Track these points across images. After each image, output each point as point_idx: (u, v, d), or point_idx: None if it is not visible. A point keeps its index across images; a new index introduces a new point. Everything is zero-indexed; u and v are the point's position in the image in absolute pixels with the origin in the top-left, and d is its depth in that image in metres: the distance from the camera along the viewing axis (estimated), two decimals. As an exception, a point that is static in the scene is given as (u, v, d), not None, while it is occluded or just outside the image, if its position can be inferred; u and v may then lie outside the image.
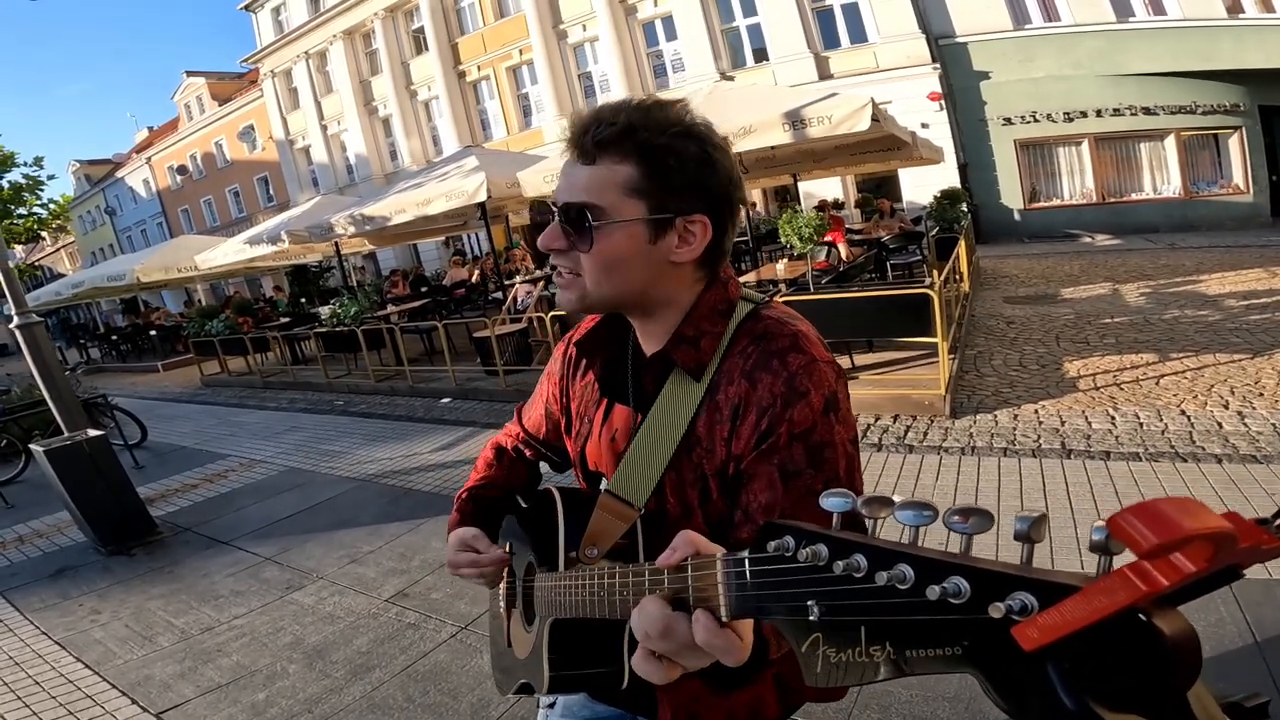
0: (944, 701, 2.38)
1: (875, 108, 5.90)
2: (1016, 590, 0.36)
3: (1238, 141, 14.03)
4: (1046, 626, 0.33)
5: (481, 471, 1.30)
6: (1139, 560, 0.30)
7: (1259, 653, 2.47)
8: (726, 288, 0.98)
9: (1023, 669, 0.35)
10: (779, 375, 0.87)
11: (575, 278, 0.93)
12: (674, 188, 0.89)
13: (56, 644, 3.75)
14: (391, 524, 4.73)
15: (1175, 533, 0.29)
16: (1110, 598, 0.31)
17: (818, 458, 0.86)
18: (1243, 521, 0.32)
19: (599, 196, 0.88)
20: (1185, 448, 4.13)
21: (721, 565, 0.58)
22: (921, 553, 0.43)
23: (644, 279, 0.92)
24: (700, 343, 0.94)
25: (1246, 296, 7.81)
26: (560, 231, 0.91)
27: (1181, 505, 0.30)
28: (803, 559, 0.50)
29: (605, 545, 0.93)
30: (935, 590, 0.40)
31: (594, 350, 1.08)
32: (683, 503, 0.94)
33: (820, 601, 0.48)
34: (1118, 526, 0.31)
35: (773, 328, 0.92)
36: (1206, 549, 0.29)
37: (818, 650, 0.49)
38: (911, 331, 5.45)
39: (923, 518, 0.46)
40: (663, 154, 0.88)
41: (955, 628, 0.39)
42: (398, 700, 2.84)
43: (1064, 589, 0.34)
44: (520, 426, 1.29)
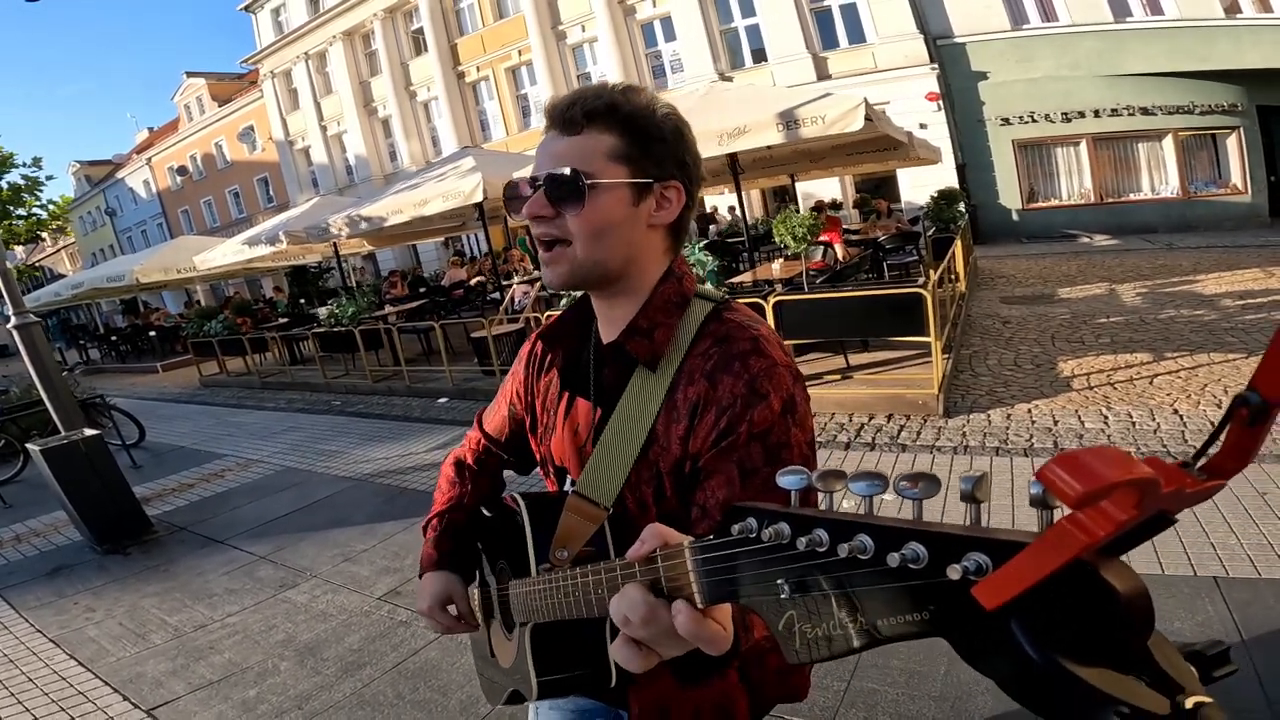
0: (930, 700, 2.39)
1: (869, 108, 5.91)
2: (970, 551, 0.37)
3: (1235, 142, 14.03)
4: (1002, 583, 0.34)
5: (446, 492, 1.29)
6: (1072, 511, 0.31)
7: (1246, 651, 2.48)
8: (681, 282, 1.01)
9: (988, 628, 0.36)
10: (740, 377, 0.89)
11: (564, 248, 0.94)
12: (654, 155, 0.95)
13: (51, 641, 3.77)
14: (386, 523, 4.74)
15: (1099, 480, 0.30)
16: (1055, 551, 0.32)
17: (775, 458, 0.87)
18: (1165, 466, 0.32)
19: (586, 163, 0.92)
20: (1177, 447, 4.13)
21: (690, 553, 0.59)
22: (879, 521, 0.44)
23: (627, 243, 0.96)
24: (654, 334, 0.96)
25: (1243, 296, 7.82)
26: (546, 200, 0.93)
27: (1104, 453, 0.31)
28: (766, 538, 0.50)
29: (575, 547, 0.93)
30: (895, 558, 0.41)
31: (557, 341, 1.10)
32: (639, 500, 0.95)
33: (788, 579, 0.49)
34: (1046, 479, 0.32)
35: (734, 331, 0.94)
36: (1133, 494, 0.30)
37: (794, 628, 0.50)
38: (905, 331, 5.46)
39: (875, 487, 0.48)
40: (644, 124, 0.94)
41: (919, 593, 0.40)
42: (388, 697, 2.85)
43: (1013, 546, 0.35)
44: (481, 432, 1.29)
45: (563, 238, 0.95)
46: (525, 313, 9.08)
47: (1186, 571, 2.90)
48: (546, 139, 0.97)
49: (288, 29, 25.58)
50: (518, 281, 10.83)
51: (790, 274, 7.25)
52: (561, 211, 0.93)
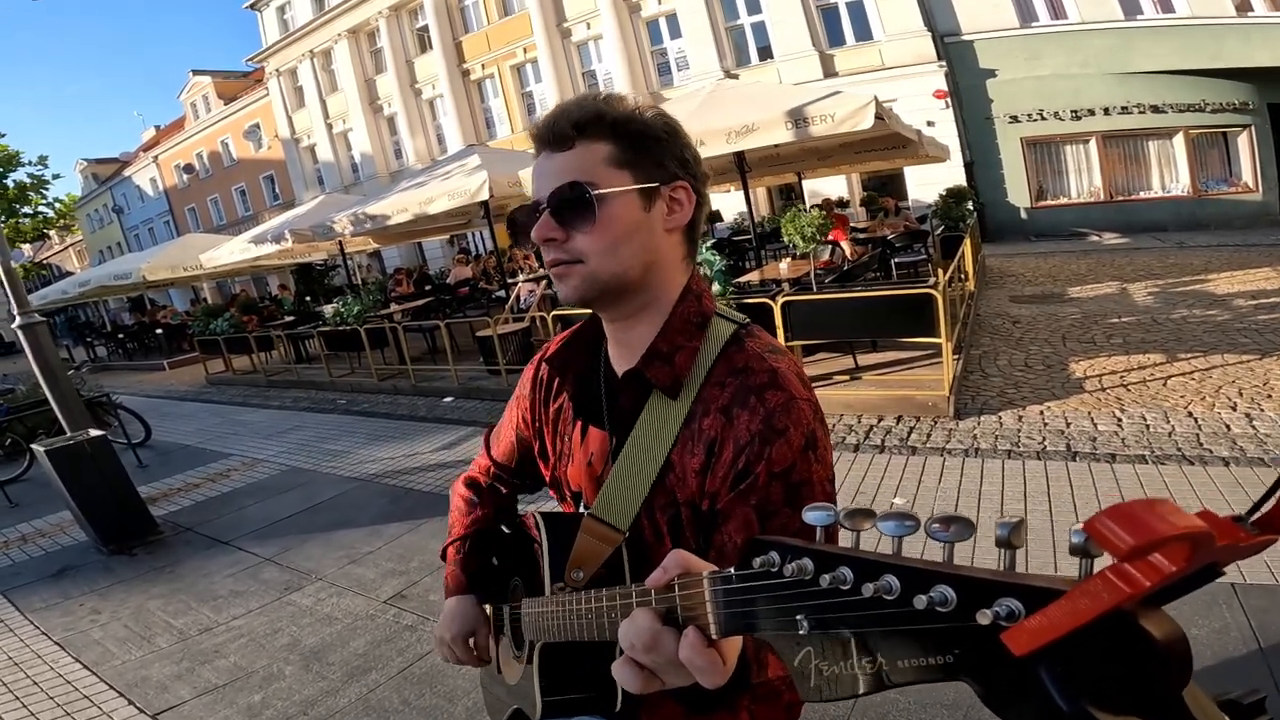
0: (942, 709, 2.35)
1: (879, 106, 5.85)
2: (1002, 596, 0.36)
3: (1247, 140, 13.90)
4: (1035, 630, 0.33)
5: (466, 514, 1.25)
6: (1119, 562, 0.30)
7: (1263, 659, 2.43)
8: (700, 300, 0.97)
9: (1015, 674, 0.35)
10: (756, 412, 0.86)
11: (575, 265, 0.91)
12: (653, 157, 0.91)
13: (56, 644, 3.76)
14: (391, 524, 4.72)
15: (1152, 534, 0.29)
16: (1094, 600, 0.31)
17: (795, 496, 0.84)
18: (1218, 520, 0.32)
19: (587, 174, 0.88)
20: (1192, 450, 4.08)
21: (709, 583, 0.58)
22: (906, 563, 0.43)
23: (644, 251, 0.92)
24: (675, 358, 0.92)
25: (1255, 296, 7.74)
26: (553, 221, 0.89)
27: (1156, 506, 0.31)
28: (789, 574, 0.50)
29: (591, 569, 0.92)
30: (922, 600, 0.40)
31: (565, 368, 1.06)
32: (655, 528, 0.92)
33: (808, 615, 0.48)
34: (1095, 530, 0.31)
35: (753, 362, 0.90)
36: (1184, 549, 0.29)
37: (810, 664, 0.49)
38: (915, 331, 5.41)
39: (905, 528, 0.46)
40: (636, 128, 0.91)
41: (944, 636, 0.39)
42: (393, 703, 2.82)
43: (1049, 593, 0.34)
44: (490, 460, 1.26)
45: (577, 259, 0.90)
46: (531, 311, 9.05)
47: (1204, 579, 2.85)
48: (539, 161, 0.93)
49: (293, 27, 25.59)
50: (523, 279, 10.81)
51: (798, 273, 7.20)
52: (571, 231, 0.89)
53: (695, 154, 0.97)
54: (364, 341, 9.44)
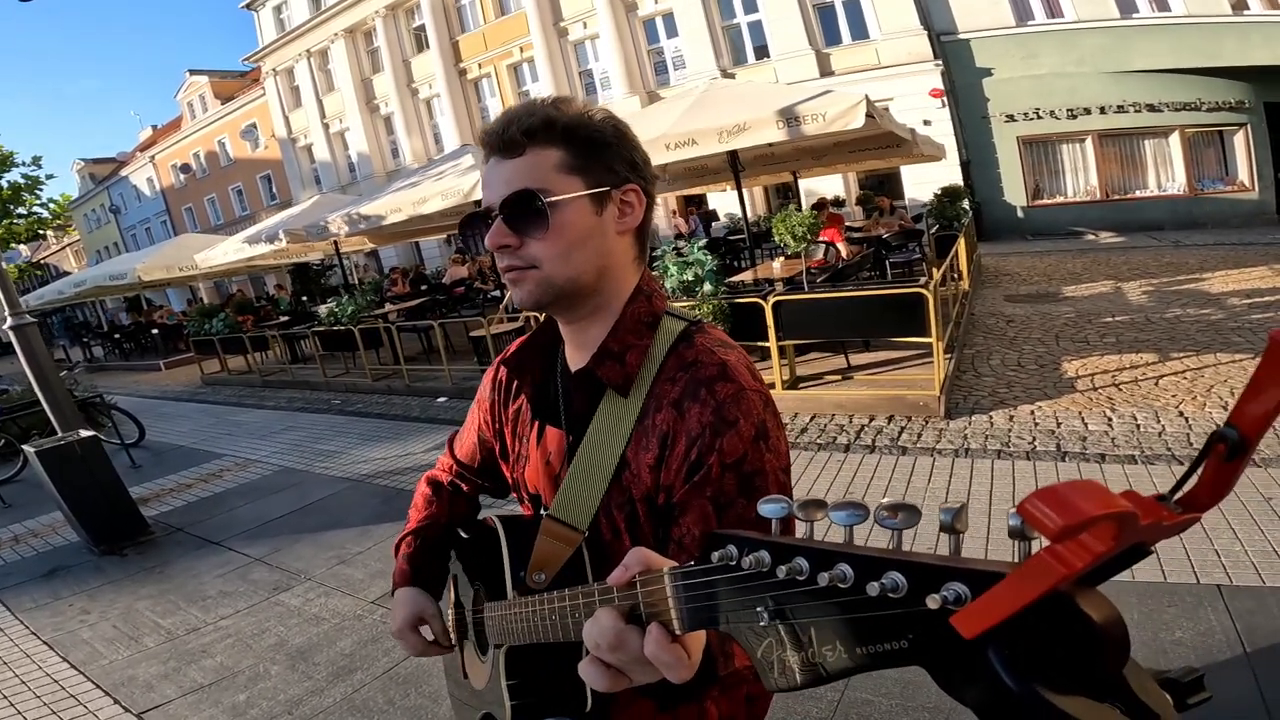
0: (924, 711, 2.35)
1: (870, 105, 5.85)
2: (949, 581, 0.37)
3: (1243, 139, 13.90)
4: (980, 613, 0.34)
5: (422, 510, 1.26)
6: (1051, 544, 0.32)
7: (1247, 661, 2.43)
8: (651, 300, 0.97)
9: (966, 657, 0.36)
10: (707, 404, 0.86)
11: (530, 270, 0.91)
12: (603, 161, 0.92)
13: (44, 644, 3.76)
14: (382, 525, 4.72)
15: (1078, 515, 0.31)
16: (1033, 581, 0.32)
17: (749, 486, 0.84)
18: (1142, 500, 0.33)
19: (539, 181, 0.88)
20: (1182, 450, 4.08)
21: (669, 579, 0.59)
22: (859, 551, 0.44)
23: (597, 255, 0.92)
24: (625, 357, 0.92)
25: (1250, 295, 7.74)
26: (505, 228, 0.90)
27: (1083, 487, 0.32)
28: (746, 566, 0.51)
29: (552, 570, 0.92)
30: (875, 586, 0.41)
31: (523, 370, 1.06)
32: (613, 526, 0.93)
33: (768, 607, 0.49)
34: (1027, 512, 0.32)
35: (702, 356, 0.90)
36: (1111, 528, 0.30)
37: (772, 655, 0.50)
38: (906, 331, 5.41)
39: (855, 517, 0.48)
40: (585, 132, 0.91)
41: (898, 622, 0.41)
42: (378, 703, 2.82)
43: (992, 576, 0.35)
44: (453, 459, 1.27)
45: (530, 265, 0.91)
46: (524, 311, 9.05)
47: (1189, 579, 2.85)
48: (489, 167, 0.93)
49: (289, 26, 25.55)
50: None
51: (791, 273, 7.20)
52: (524, 238, 0.90)
53: (644, 156, 0.97)
54: (358, 341, 9.43)
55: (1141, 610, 2.72)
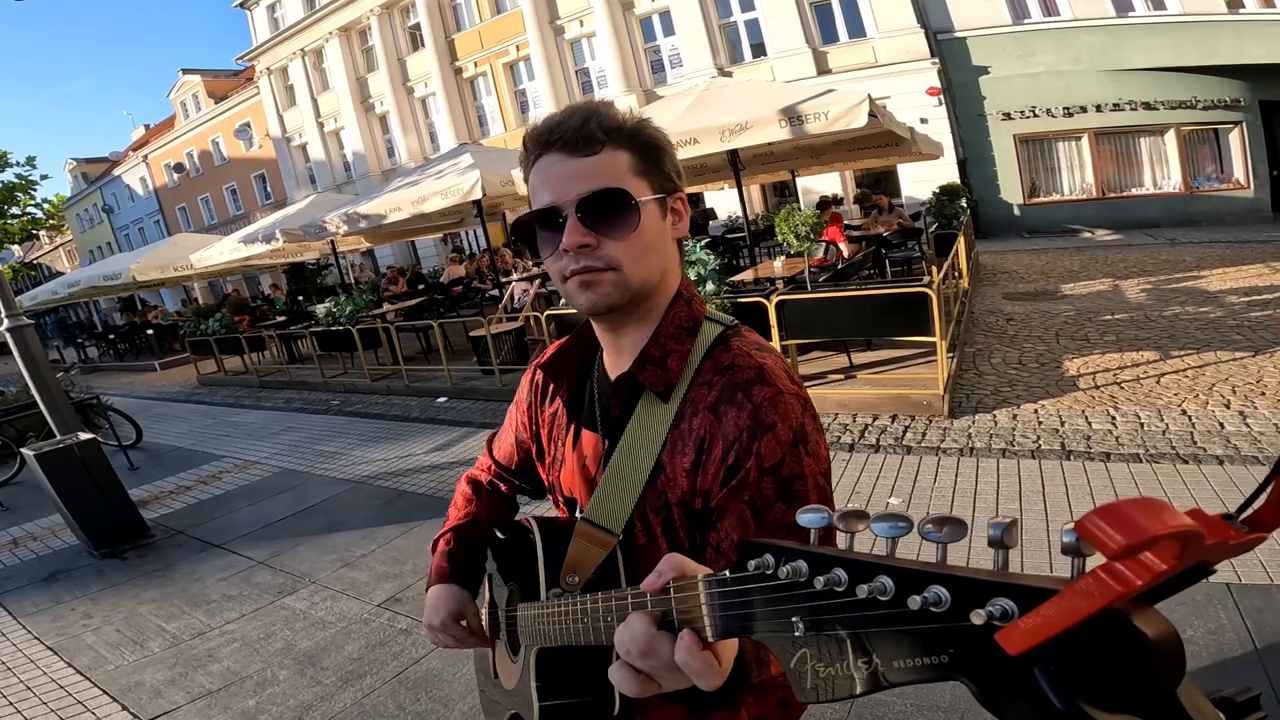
0: (938, 711, 2.34)
1: (873, 104, 5.85)
2: (996, 596, 0.36)
3: (1238, 136, 13.97)
4: (1028, 630, 0.34)
5: (461, 509, 1.26)
6: (1110, 561, 0.31)
7: (1258, 659, 2.44)
8: (690, 305, 0.97)
9: (1010, 674, 0.35)
10: (744, 408, 0.85)
11: (607, 271, 0.88)
12: (663, 169, 0.93)
13: (48, 649, 3.73)
14: (385, 527, 4.69)
15: (1142, 533, 0.30)
16: (1086, 599, 0.31)
17: (788, 490, 0.83)
18: (1207, 518, 0.32)
19: (619, 180, 0.87)
20: (1186, 449, 4.09)
21: (704, 586, 0.59)
22: (901, 564, 0.43)
23: (664, 260, 0.93)
24: (667, 362, 0.92)
25: (1248, 293, 7.77)
26: (584, 228, 0.86)
27: (1146, 505, 0.31)
28: (783, 576, 0.50)
29: (585, 573, 0.91)
30: (916, 600, 0.40)
31: (560, 374, 1.06)
32: (648, 529, 0.92)
33: (804, 617, 0.49)
34: (1086, 530, 0.31)
35: (739, 359, 0.90)
36: (1174, 547, 0.30)
37: (806, 665, 0.49)
38: (910, 330, 5.41)
39: (898, 529, 0.46)
40: (648, 139, 0.91)
41: (939, 636, 0.40)
42: (389, 708, 2.81)
43: (1042, 593, 0.34)
44: (491, 459, 1.28)
45: (610, 266, 0.88)
46: (525, 310, 9.03)
47: (1200, 578, 2.85)
48: (551, 163, 0.89)
49: (283, 25, 25.41)
50: (517, 279, 10.77)
51: (792, 272, 7.19)
52: (603, 238, 0.87)
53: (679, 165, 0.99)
54: (356, 341, 9.39)
55: (1152, 610, 2.72)
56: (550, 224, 0.89)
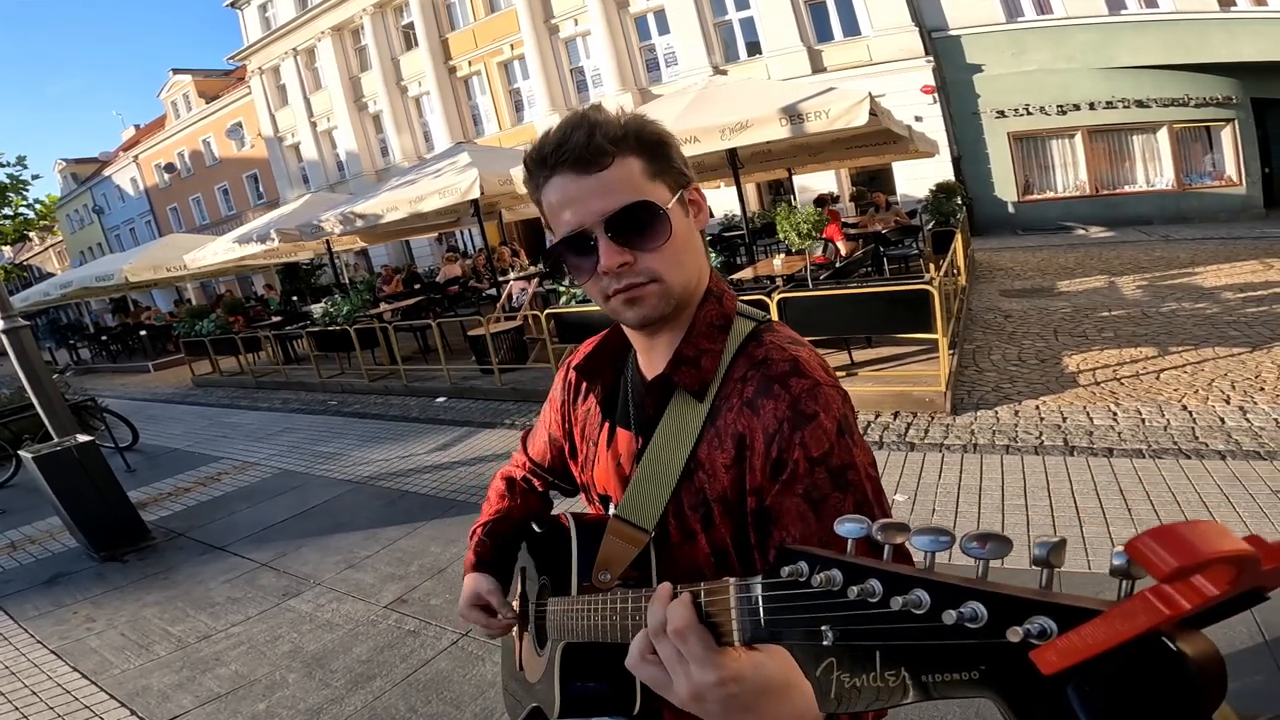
0: (952, 705, 2.35)
1: (874, 102, 5.85)
2: (1035, 614, 0.36)
3: (1230, 134, 14.06)
4: (1066, 650, 0.33)
5: (495, 504, 1.28)
6: (1159, 584, 0.30)
7: (1269, 653, 2.45)
8: (721, 302, 0.95)
9: (1042, 693, 0.35)
10: (781, 400, 0.84)
11: (649, 284, 0.87)
12: (673, 165, 0.90)
13: (52, 653, 3.70)
14: (388, 528, 4.68)
15: (1195, 556, 0.29)
16: (1131, 621, 0.31)
17: (842, 480, 0.81)
18: (1264, 544, 0.31)
19: (640, 191, 0.85)
20: (1188, 444, 4.11)
21: (735, 590, 0.59)
22: (938, 578, 0.43)
23: (697, 256, 0.93)
24: (701, 361, 0.91)
25: (1243, 289, 7.82)
26: (618, 247, 0.84)
27: (1202, 529, 0.30)
28: (817, 584, 0.50)
29: (617, 570, 0.91)
30: (952, 615, 0.40)
31: (594, 374, 1.06)
32: (684, 527, 0.91)
33: (834, 626, 0.49)
34: (1137, 551, 0.31)
35: (773, 353, 0.89)
36: (1228, 572, 0.29)
37: (832, 675, 0.49)
38: (911, 327, 5.42)
39: (939, 543, 0.46)
40: (651, 138, 0.88)
41: (972, 652, 0.39)
42: (400, 710, 2.79)
43: (1084, 613, 0.34)
44: (526, 456, 1.28)
45: (651, 278, 0.87)
46: (523, 310, 9.01)
47: (1209, 573, 2.87)
48: (564, 183, 0.86)
49: (275, 25, 25.28)
50: (514, 278, 10.75)
51: (792, 269, 7.20)
52: (639, 250, 0.86)
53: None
54: (354, 342, 9.36)
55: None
56: (581, 248, 0.87)
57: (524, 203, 11.33)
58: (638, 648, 0.67)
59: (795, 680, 0.62)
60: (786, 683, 0.62)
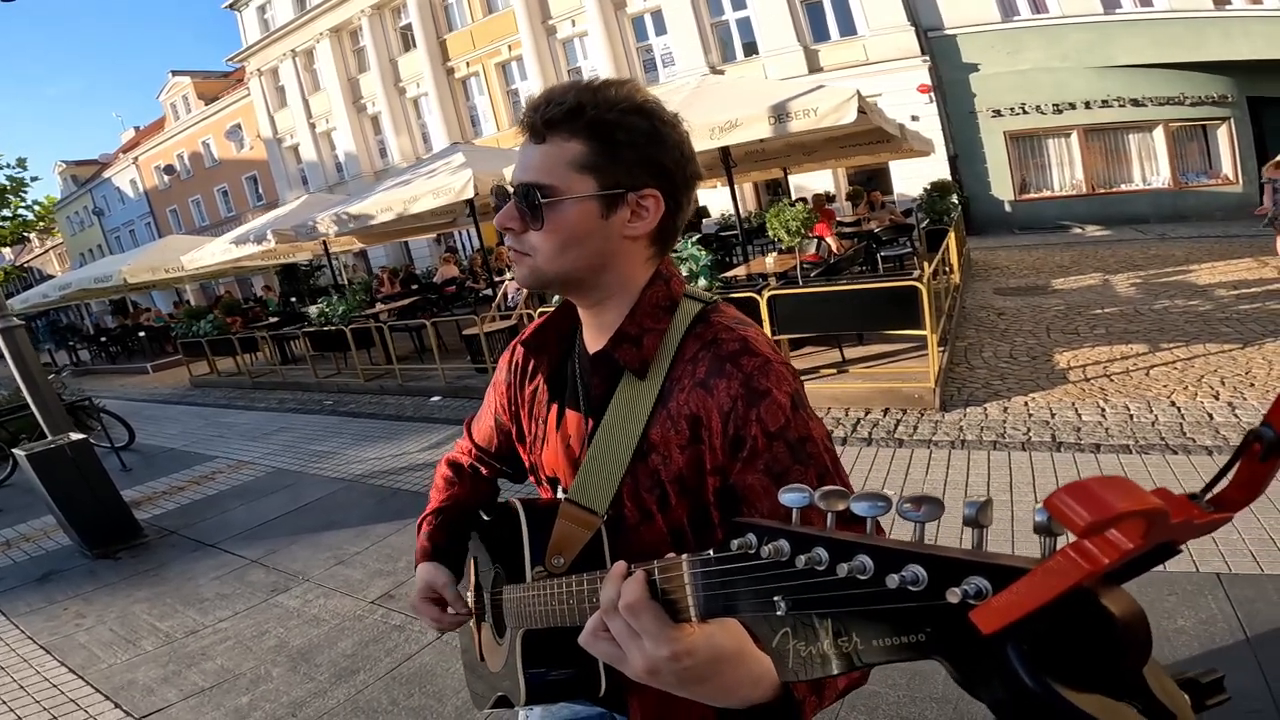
0: (931, 702, 2.36)
1: (862, 100, 5.87)
2: (971, 575, 0.37)
3: (1226, 132, 14.05)
4: (1001, 608, 0.34)
5: (443, 491, 1.27)
6: (1079, 539, 0.31)
7: (1249, 649, 2.46)
8: (669, 284, 0.96)
9: (984, 652, 0.36)
10: (733, 378, 0.85)
11: (525, 256, 0.92)
12: (624, 162, 0.88)
13: (41, 648, 3.72)
14: (379, 525, 4.69)
15: (1108, 510, 0.30)
16: (1058, 577, 0.32)
17: (801, 453, 0.83)
18: (1173, 497, 0.33)
19: (549, 175, 0.88)
20: (1176, 439, 4.12)
21: (687, 566, 0.59)
22: (879, 542, 0.44)
23: (597, 255, 0.91)
24: (643, 340, 0.92)
25: (1236, 286, 7.83)
26: (515, 211, 0.90)
27: (1113, 483, 0.32)
28: (765, 555, 0.51)
29: (570, 554, 0.91)
30: (894, 579, 0.41)
31: (540, 350, 1.07)
32: (641, 509, 0.92)
33: (785, 596, 0.49)
34: (1054, 507, 0.32)
35: (721, 334, 0.90)
36: (1140, 525, 0.30)
37: (788, 644, 0.50)
38: (901, 324, 5.43)
39: (877, 508, 0.47)
40: (610, 129, 0.87)
41: (916, 615, 0.40)
42: (382, 703, 2.81)
43: (1015, 571, 0.35)
44: (471, 442, 1.27)
45: (526, 252, 0.92)
46: (519, 309, 9.02)
47: (1188, 568, 2.88)
48: (521, 146, 0.94)
49: (274, 26, 25.32)
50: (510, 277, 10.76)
51: (784, 268, 7.21)
52: (528, 224, 0.90)
53: (679, 155, 0.92)
54: (349, 342, 9.38)
55: (1142, 599, 2.63)
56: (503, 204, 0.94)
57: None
58: (591, 625, 0.68)
59: (748, 649, 0.64)
60: (739, 651, 0.64)
